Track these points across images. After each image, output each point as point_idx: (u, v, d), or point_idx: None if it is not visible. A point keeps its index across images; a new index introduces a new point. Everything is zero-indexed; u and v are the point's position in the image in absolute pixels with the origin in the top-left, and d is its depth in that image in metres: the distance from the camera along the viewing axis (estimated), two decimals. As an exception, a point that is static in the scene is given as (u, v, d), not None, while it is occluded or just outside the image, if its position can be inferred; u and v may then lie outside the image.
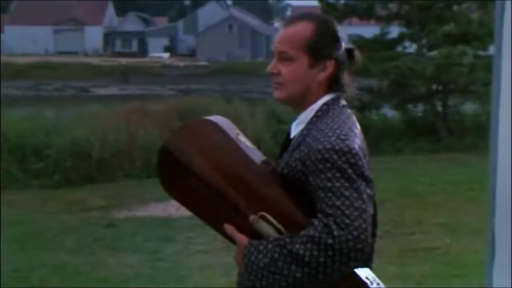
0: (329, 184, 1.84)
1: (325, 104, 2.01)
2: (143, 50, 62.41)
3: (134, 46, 64.27)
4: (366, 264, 1.88)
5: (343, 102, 2.05)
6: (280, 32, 2.03)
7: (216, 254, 6.93)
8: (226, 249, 6.49)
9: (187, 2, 75.56)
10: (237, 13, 64.49)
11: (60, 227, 8.72)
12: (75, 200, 10.42)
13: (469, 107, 16.71)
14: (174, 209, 8.85)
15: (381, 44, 16.85)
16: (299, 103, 2.03)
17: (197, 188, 1.98)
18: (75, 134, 12.68)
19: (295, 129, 2.04)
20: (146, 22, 69.77)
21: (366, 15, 17.05)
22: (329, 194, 1.83)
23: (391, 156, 13.94)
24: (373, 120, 16.37)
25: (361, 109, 16.05)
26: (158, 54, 59.06)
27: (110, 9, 68.69)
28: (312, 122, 1.99)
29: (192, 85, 42.81)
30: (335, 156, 1.86)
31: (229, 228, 1.96)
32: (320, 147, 1.88)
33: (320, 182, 1.85)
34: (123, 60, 51.86)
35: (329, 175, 1.85)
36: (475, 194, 9.30)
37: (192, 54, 59.31)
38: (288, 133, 2.09)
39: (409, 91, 16.38)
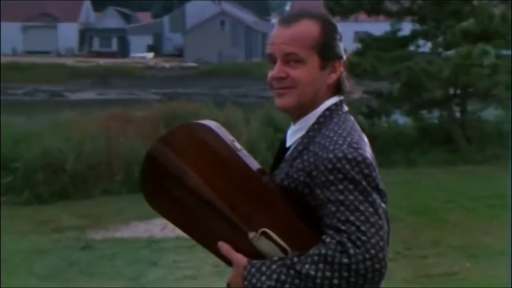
0: (341, 197, 1.84)
1: (328, 109, 2.04)
2: (123, 50, 62.45)
3: (114, 45, 64.29)
4: None
5: (346, 108, 2.08)
6: (281, 32, 2.05)
7: (205, 279, 6.91)
8: (216, 274, 6.48)
9: (173, -4, 75.68)
10: (229, 8, 64.62)
11: (29, 249, 8.68)
12: (47, 219, 10.39)
13: (490, 113, 16.73)
14: (158, 228, 8.84)
15: (392, 43, 16.90)
16: (306, 109, 2.05)
17: (187, 201, 1.96)
18: (47, 144, 12.65)
19: (292, 137, 2.07)
20: (127, 18, 69.88)
21: (375, 10, 17.12)
22: (342, 208, 1.83)
23: (402, 168, 13.95)
24: (382, 128, 16.40)
25: (369, 115, 16.08)
26: (140, 54, 59.10)
27: (87, 3, 68.76)
28: (313, 129, 2.01)
29: (179, 89, 42.86)
30: (347, 166, 1.87)
31: (224, 247, 1.94)
32: (331, 156, 1.88)
33: (331, 194, 1.85)
34: (102, 61, 51.87)
35: (340, 187, 1.85)
36: (497, 211, 9.28)
37: (179, 54, 59.36)
38: (283, 142, 2.11)
39: (423, 95, 16.42)
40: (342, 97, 2.08)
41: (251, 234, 1.89)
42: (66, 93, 42.52)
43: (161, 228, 8.89)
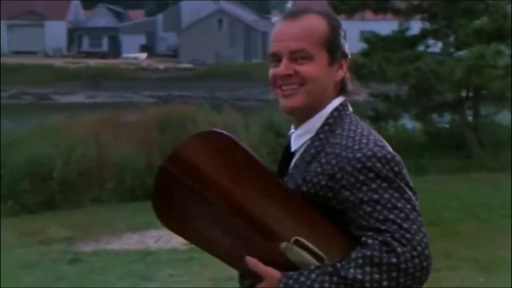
0: (376, 196, 1.86)
1: (335, 110, 2.06)
2: (115, 50, 62.49)
3: (105, 45, 64.35)
4: None
5: (350, 108, 2.11)
6: (286, 29, 2.07)
7: (202, 294, 6.90)
8: (214, 288, 6.46)
9: (168, -7, 75.76)
10: (227, 5, 64.69)
11: (15, 263, 8.66)
12: (33, 231, 10.38)
13: (505, 117, 16.73)
14: (152, 240, 8.83)
15: (400, 43, 16.91)
16: (313, 110, 2.06)
17: (207, 215, 1.94)
18: (33, 150, 12.65)
19: (298, 141, 2.09)
20: (118, 16, 69.94)
21: (382, 8, 17.13)
22: (378, 208, 1.84)
23: (412, 176, 13.80)
24: (390, 133, 16.39)
25: (376, 119, 16.08)
26: (133, 54, 59.14)
27: (76, 0, 68.84)
28: (324, 131, 2.03)
29: (174, 92, 42.88)
30: (378, 165, 1.90)
31: (251, 261, 1.91)
32: (359, 155, 1.91)
33: (364, 195, 1.86)
34: (92, 62, 51.90)
35: (374, 186, 1.87)
36: (513, 221, 9.30)
37: (173, 54, 59.41)
38: (288, 146, 2.13)
39: (433, 98, 16.42)
40: (345, 98, 2.11)
41: (283, 244, 1.86)
42: (54, 96, 42.56)
43: (155, 240, 8.88)
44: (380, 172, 1.88)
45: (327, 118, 2.05)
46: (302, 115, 2.07)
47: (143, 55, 59.45)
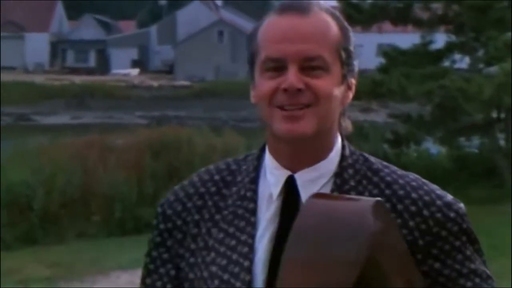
0: (473, 266, 1.75)
1: (343, 144, 1.81)
2: (103, 65, 62.71)
3: (92, 59, 64.61)
4: None
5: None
6: (292, 27, 1.73)
7: None
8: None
9: (162, 1, 76.15)
10: (228, 15, 64.97)
11: (-11, 304, 8.65)
12: (11, 269, 10.34)
13: (541, 141, 16.75)
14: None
15: (422, 57, 16.94)
16: (321, 141, 1.77)
17: None
18: (11, 177, 12.65)
19: (310, 188, 1.74)
20: (107, 27, 70.23)
21: (402, 18, 17.19)
22: (477, 280, 1.75)
23: (436, 207, 13.89)
24: (411, 158, 16.38)
25: (396, 143, 16.07)
26: (123, 70, 59.33)
27: (60, 10, 69.18)
28: (349, 175, 1.77)
29: (169, 112, 42.97)
30: (470, 225, 1.78)
31: None
32: (452, 214, 1.74)
33: (461, 266, 1.74)
34: (77, 79, 52.08)
35: (468, 253, 1.76)
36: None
37: (169, 70, 59.59)
38: (291, 194, 1.76)
39: (460, 120, 16.42)
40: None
41: None
42: (35, 117, 42.64)
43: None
44: (472, 233, 1.78)
45: (344, 158, 1.78)
46: (309, 147, 1.74)
47: (135, 71, 59.62)
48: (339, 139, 1.80)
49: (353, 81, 1.80)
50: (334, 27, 1.76)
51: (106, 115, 42.56)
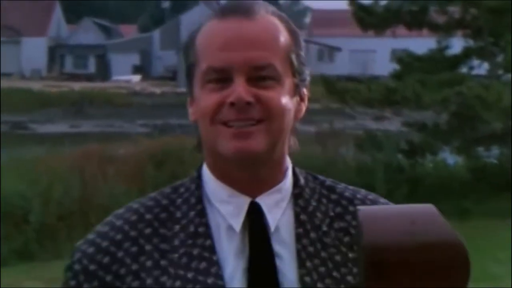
0: None
1: (290, 163, 1.73)
2: (103, 71, 62.81)
3: (91, 65, 64.71)
4: None
5: None
6: (237, 31, 1.61)
7: None
8: None
9: (165, 4, 76.27)
10: (235, 19, 65.03)
11: (-17, 322, 8.64)
12: (5, 286, 10.34)
13: None
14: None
15: (438, 63, 16.94)
16: (272, 160, 1.65)
17: None
18: (6, 189, 12.66)
19: (274, 212, 1.65)
20: (107, 31, 70.37)
21: (417, 22, 17.19)
22: None
23: (453, 221, 13.72)
24: (427, 169, 16.35)
25: (411, 153, 16.04)
26: (124, 76, 59.41)
27: (58, 13, 69.31)
28: (301, 196, 1.68)
29: (172, 120, 42.93)
30: None
31: None
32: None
33: None
34: (76, 85, 52.12)
35: None
36: None
37: (172, 76, 59.63)
38: (256, 221, 1.64)
39: (479, 129, 16.40)
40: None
41: None
42: (31, 125, 42.67)
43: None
44: None
45: (295, 176, 1.70)
46: (265, 167, 1.64)
47: (136, 78, 59.70)
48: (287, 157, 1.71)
49: (305, 91, 1.70)
50: (283, 31, 1.64)
51: (106, 124, 42.58)
